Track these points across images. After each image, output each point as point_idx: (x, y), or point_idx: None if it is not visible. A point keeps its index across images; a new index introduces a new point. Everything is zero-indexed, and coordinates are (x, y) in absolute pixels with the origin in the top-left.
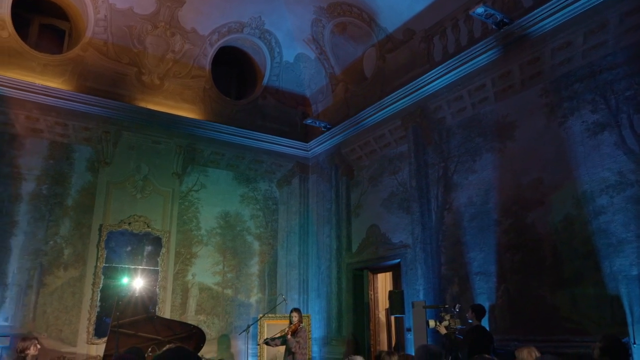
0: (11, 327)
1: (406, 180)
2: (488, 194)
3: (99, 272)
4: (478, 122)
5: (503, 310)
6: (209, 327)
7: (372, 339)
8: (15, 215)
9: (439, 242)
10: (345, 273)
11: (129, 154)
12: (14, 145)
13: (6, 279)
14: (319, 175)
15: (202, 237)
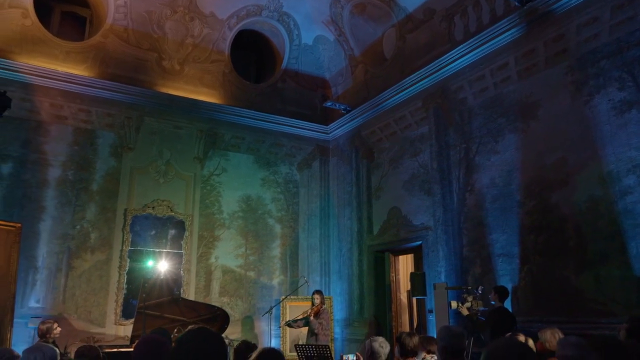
0: (43, 308)
1: (427, 162)
2: (511, 175)
3: (125, 255)
4: (500, 102)
5: (526, 292)
6: (232, 309)
7: (394, 321)
8: (43, 201)
9: (460, 224)
10: (367, 255)
11: (151, 139)
12: (40, 132)
13: (36, 263)
14: (339, 158)
15: (224, 220)
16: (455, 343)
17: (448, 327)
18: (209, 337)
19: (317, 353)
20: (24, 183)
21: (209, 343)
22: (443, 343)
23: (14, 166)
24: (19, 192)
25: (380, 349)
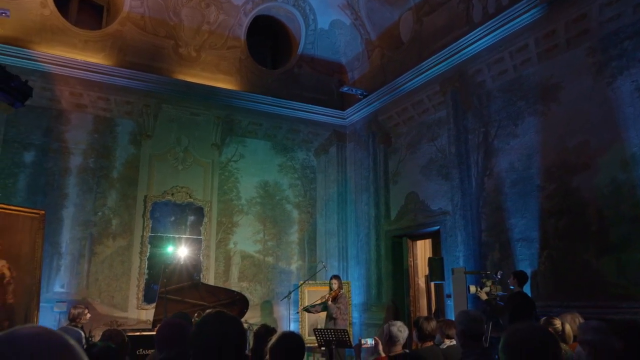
0: (67, 293)
1: (445, 147)
2: (531, 158)
3: (146, 241)
4: (520, 84)
5: (546, 277)
6: (251, 294)
7: (412, 305)
8: (65, 188)
9: (479, 209)
10: (384, 240)
11: (169, 126)
12: (61, 121)
13: (60, 249)
14: (356, 143)
15: (243, 206)
16: (474, 327)
17: (467, 312)
18: (227, 320)
19: (335, 337)
20: (46, 171)
21: (228, 325)
22: (462, 327)
23: (36, 154)
24: (42, 179)
25: (398, 333)
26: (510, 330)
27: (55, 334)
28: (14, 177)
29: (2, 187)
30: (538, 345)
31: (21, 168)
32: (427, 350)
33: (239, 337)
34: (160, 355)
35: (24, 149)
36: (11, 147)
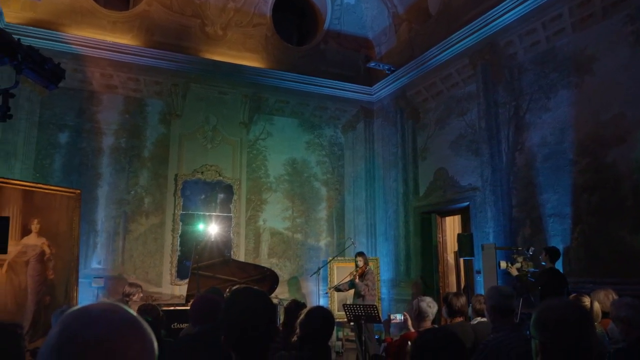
0: (104, 269)
1: (475, 122)
2: (564, 132)
3: (177, 219)
4: (553, 56)
5: (578, 253)
6: (281, 270)
7: (441, 281)
8: (99, 168)
9: (509, 184)
10: (413, 217)
11: (198, 105)
12: (93, 102)
13: (96, 227)
14: (384, 119)
15: (271, 184)
16: (504, 303)
17: (497, 287)
18: (255, 295)
19: (365, 312)
20: (80, 151)
21: (256, 301)
22: (492, 302)
23: (70, 135)
24: (76, 159)
25: (428, 308)
26: (542, 307)
27: (124, 311)
28: (50, 157)
29: (40, 168)
30: (571, 322)
31: (57, 149)
32: (457, 326)
33: (267, 312)
34: (195, 329)
35: (58, 130)
36: (47, 128)
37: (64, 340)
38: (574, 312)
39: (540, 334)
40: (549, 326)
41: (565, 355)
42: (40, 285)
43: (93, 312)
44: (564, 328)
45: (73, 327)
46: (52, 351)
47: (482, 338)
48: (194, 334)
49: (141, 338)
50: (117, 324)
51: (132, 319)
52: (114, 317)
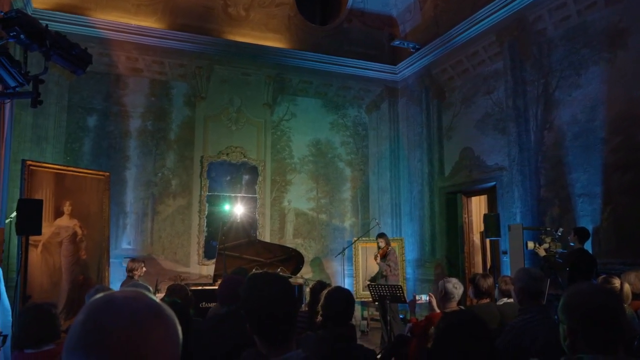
0: (134, 250)
1: (502, 100)
2: (594, 110)
3: (204, 200)
4: (584, 31)
5: (608, 233)
6: (306, 250)
7: (466, 262)
8: (127, 150)
9: (537, 164)
10: (438, 197)
11: (222, 87)
12: (119, 85)
13: (125, 208)
14: (408, 98)
15: (295, 165)
16: (533, 285)
17: (526, 269)
18: (273, 281)
19: (389, 292)
20: (108, 134)
21: (274, 286)
22: (521, 285)
23: (98, 118)
24: (105, 143)
25: (454, 289)
26: (571, 291)
27: (148, 299)
28: (79, 141)
29: (70, 151)
30: (600, 306)
31: (85, 132)
32: (483, 306)
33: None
34: (222, 310)
35: (87, 114)
36: (75, 112)
37: (88, 328)
38: (603, 296)
39: (568, 318)
40: (577, 311)
41: (595, 340)
42: (74, 265)
43: (116, 301)
44: (593, 312)
45: (97, 316)
46: (78, 339)
47: (508, 319)
48: (222, 314)
49: (165, 326)
50: (141, 312)
51: (156, 307)
52: (137, 305)
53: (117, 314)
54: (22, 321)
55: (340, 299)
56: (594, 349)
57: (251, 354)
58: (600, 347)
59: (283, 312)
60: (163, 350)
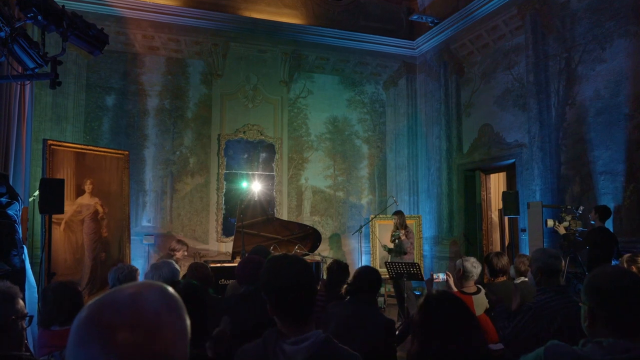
0: (153, 227)
1: (522, 75)
2: (619, 85)
3: (222, 178)
4: (610, 3)
5: (631, 211)
6: (323, 227)
7: (484, 239)
8: (145, 129)
9: (558, 140)
10: (456, 174)
11: (238, 64)
12: (136, 64)
13: (145, 186)
14: (426, 74)
15: (312, 142)
16: (551, 264)
17: (544, 249)
18: (291, 264)
19: (406, 270)
20: (127, 113)
21: (292, 269)
22: (539, 264)
23: (116, 97)
24: (123, 121)
25: (472, 268)
26: (595, 272)
27: (155, 294)
28: (98, 120)
29: (89, 130)
30: (624, 289)
31: (104, 111)
32: (500, 285)
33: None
34: (241, 289)
35: (105, 93)
36: (94, 91)
37: (95, 325)
38: (628, 279)
39: (590, 299)
40: (600, 292)
41: (615, 323)
42: (96, 243)
43: (120, 298)
44: (616, 295)
45: (99, 313)
46: (85, 335)
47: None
48: (241, 294)
49: (173, 320)
50: (147, 308)
51: (163, 302)
52: (142, 303)
53: (120, 311)
54: (48, 299)
55: (371, 273)
56: (613, 331)
57: (272, 333)
58: (621, 331)
59: (302, 293)
60: (172, 345)
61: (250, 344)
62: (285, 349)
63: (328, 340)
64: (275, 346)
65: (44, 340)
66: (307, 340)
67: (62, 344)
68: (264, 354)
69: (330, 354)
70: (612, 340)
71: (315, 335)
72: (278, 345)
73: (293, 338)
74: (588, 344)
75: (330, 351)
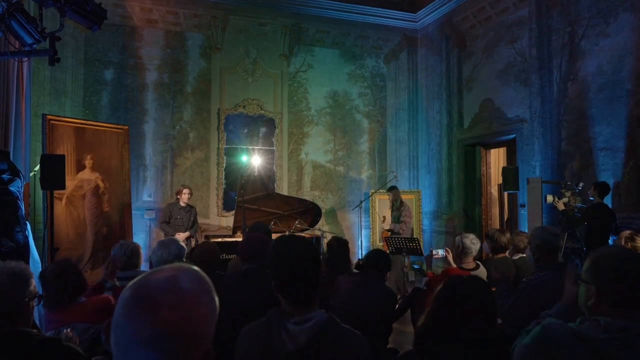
0: (154, 202)
1: (525, 49)
2: (622, 60)
3: (222, 153)
4: None
5: (630, 187)
6: (323, 202)
7: (484, 214)
8: (144, 104)
9: (559, 116)
10: (456, 149)
11: (238, 38)
12: (134, 37)
13: (145, 161)
14: (428, 47)
15: (313, 117)
16: (550, 241)
17: (543, 227)
18: (299, 244)
19: (406, 245)
20: (126, 87)
21: (299, 249)
22: (538, 241)
23: (115, 71)
24: (122, 96)
25: (472, 245)
26: (598, 253)
27: (193, 276)
28: (97, 94)
29: (89, 105)
30: (629, 269)
31: (103, 85)
32: (500, 260)
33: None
34: (244, 266)
35: (104, 67)
36: (92, 65)
37: (139, 304)
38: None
39: (599, 278)
40: (607, 272)
41: (623, 302)
42: (97, 217)
43: (162, 280)
44: (623, 274)
45: (146, 291)
46: (128, 313)
47: (523, 272)
48: (244, 271)
49: (208, 300)
50: (186, 290)
51: (199, 285)
52: (182, 285)
53: (152, 300)
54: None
55: (382, 256)
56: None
57: (276, 312)
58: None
59: (308, 275)
60: (205, 323)
61: (254, 323)
62: (289, 329)
63: (331, 320)
64: (279, 326)
65: (50, 317)
66: (310, 321)
67: (68, 319)
68: (268, 334)
69: (334, 334)
70: (610, 320)
71: (318, 315)
72: (282, 325)
73: (297, 318)
74: (586, 321)
75: (334, 331)
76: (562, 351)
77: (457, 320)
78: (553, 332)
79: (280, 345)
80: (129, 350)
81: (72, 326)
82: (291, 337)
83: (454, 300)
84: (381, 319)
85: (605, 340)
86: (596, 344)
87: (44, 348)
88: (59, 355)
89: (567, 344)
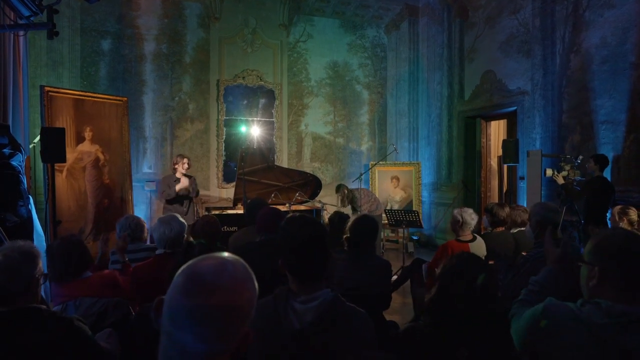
0: (154, 173)
1: (528, 20)
2: (627, 32)
3: (221, 124)
4: None
5: (629, 161)
6: (323, 174)
7: (483, 186)
8: (143, 75)
9: (561, 88)
10: (457, 121)
11: (236, 7)
12: (131, 6)
13: (144, 133)
14: (429, 17)
15: (312, 88)
16: (551, 217)
17: (543, 203)
18: (307, 225)
19: (405, 217)
20: (123, 58)
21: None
22: (538, 218)
23: (112, 42)
24: (120, 67)
25: (471, 220)
26: (602, 235)
27: (238, 264)
28: (95, 65)
29: (86, 76)
30: (633, 251)
31: (100, 56)
32: (499, 234)
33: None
34: (261, 237)
35: (101, 37)
36: (89, 35)
37: (194, 285)
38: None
39: (601, 261)
40: (611, 254)
41: (626, 281)
42: (98, 190)
43: (213, 266)
44: (628, 256)
45: (189, 289)
46: (184, 293)
47: (522, 246)
48: (260, 242)
49: (252, 285)
50: (235, 276)
51: (247, 271)
52: (231, 271)
53: (220, 276)
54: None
55: (365, 224)
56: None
57: (283, 291)
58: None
59: (313, 254)
60: (249, 307)
61: (261, 300)
62: (295, 307)
63: (336, 299)
64: (285, 304)
65: (57, 292)
66: (316, 300)
67: (74, 294)
68: (275, 312)
69: (339, 313)
70: (610, 304)
71: (324, 294)
72: (289, 304)
73: (303, 297)
74: (586, 304)
75: (339, 310)
76: (563, 333)
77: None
78: (554, 314)
79: (286, 323)
80: (185, 326)
81: (79, 301)
82: (297, 315)
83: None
84: (379, 292)
85: (606, 325)
86: (597, 329)
87: (56, 325)
88: (68, 334)
89: (568, 327)
